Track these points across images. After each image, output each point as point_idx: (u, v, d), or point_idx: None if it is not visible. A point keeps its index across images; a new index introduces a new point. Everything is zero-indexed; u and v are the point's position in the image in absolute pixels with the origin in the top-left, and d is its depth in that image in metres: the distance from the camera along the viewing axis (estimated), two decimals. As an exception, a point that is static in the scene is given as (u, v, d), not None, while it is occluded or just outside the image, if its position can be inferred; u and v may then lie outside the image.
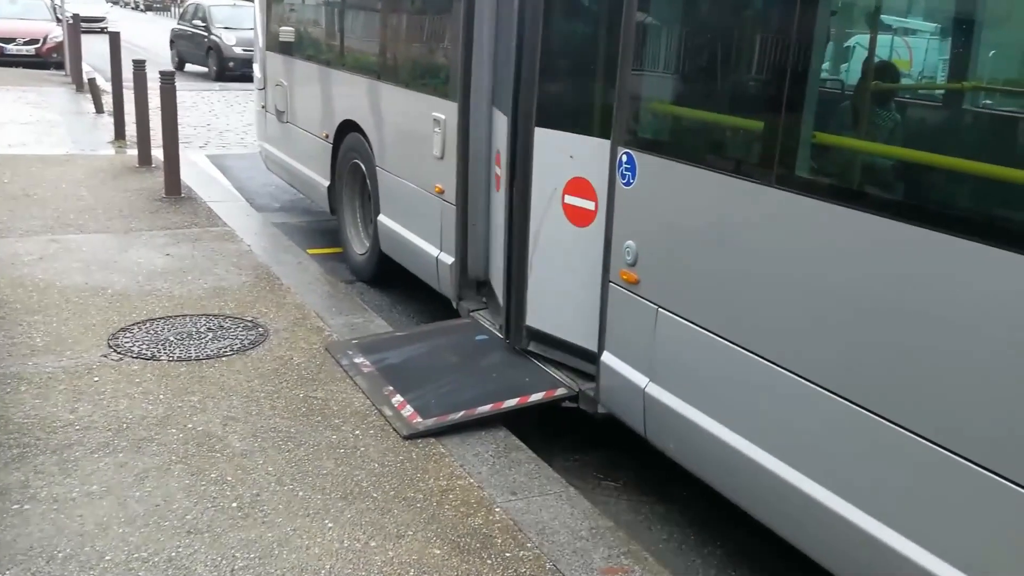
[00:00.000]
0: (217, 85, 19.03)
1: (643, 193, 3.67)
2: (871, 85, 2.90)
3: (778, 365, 3.06)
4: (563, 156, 4.20)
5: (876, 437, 2.72)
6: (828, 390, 2.87)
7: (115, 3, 34.19)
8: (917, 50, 2.92)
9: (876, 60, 2.91)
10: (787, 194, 2.96)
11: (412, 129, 5.63)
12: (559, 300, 4.39)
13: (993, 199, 2.57)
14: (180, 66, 21.95)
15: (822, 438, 2.92)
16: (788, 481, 3.02)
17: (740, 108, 3.33)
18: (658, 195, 3.60)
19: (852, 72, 2.99)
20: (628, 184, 3.74)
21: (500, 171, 4.84)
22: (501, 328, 4.83)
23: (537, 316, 4.52)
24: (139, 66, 9.25)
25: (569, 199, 4.22)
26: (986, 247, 2.36)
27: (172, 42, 22.88)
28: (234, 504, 3.45)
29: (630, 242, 3.74)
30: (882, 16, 2.91)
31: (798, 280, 2.98)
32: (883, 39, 2.89)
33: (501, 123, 4.79)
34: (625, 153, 3.73)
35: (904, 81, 3.04)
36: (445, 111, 5.15)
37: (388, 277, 6.52)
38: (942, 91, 2.95)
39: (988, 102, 2.74)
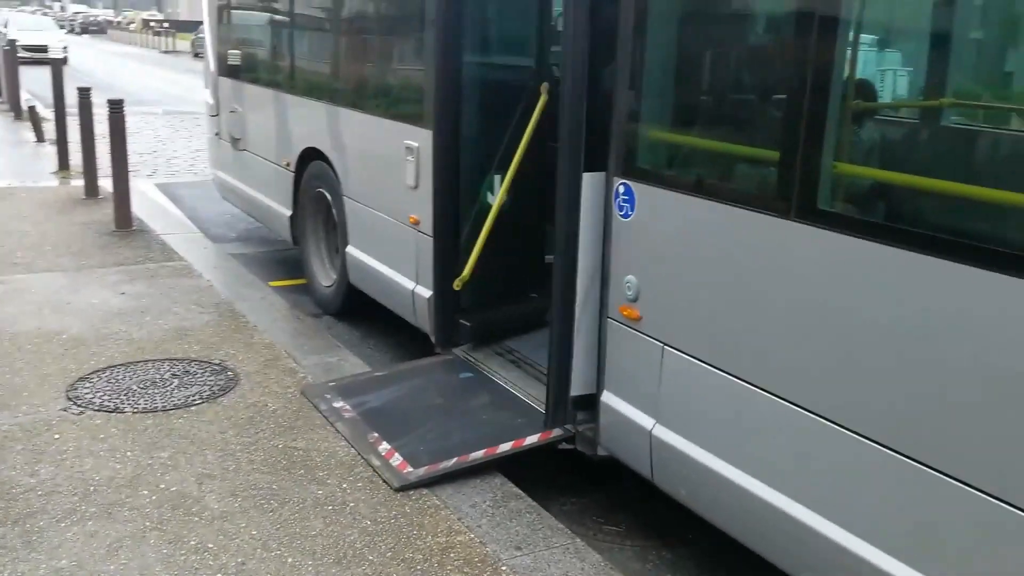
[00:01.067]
0: (162, 109, 18.54)
1: (644, 226, 3.49)
2: (897, 110, 2.76)
3: (798, 406, 2.90)
4: None
5: (905, 477, 2.57)
6: (852, 431, 2.72)
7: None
8: (946, 71, 2.78)
9: (901, 83, 2.77)
10: (806, 227, 2.80)
11: (383, 157, 5.40)
12: None
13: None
14: None
15: (850, 481, 2.76)
16: (814, 528, 2.86)
17: (753, 136, 3.17)
18: (661, 228, 3.43)
19: (878, 96, 2.85)
20: (626, 216, 3.56)
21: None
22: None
23: (585, 380, 3.95)
24: (84, 94, 8.87)
25: None
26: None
27: None
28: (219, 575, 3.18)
29: (631, 277, 3.56)
30: (905, 37, 2.78)
31: (818, 316, 2.82)
32: (907, 61, 2.76)
33: None
34: (622, 184, 3.55)
35: (931, 104, 2.91)
36: (419, 139, 4.94)
37: (357, 309, 6.26)
38: (977, 115, 2.81)
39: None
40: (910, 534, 2.59)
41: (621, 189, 3.56)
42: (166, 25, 49.91)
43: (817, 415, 2.84)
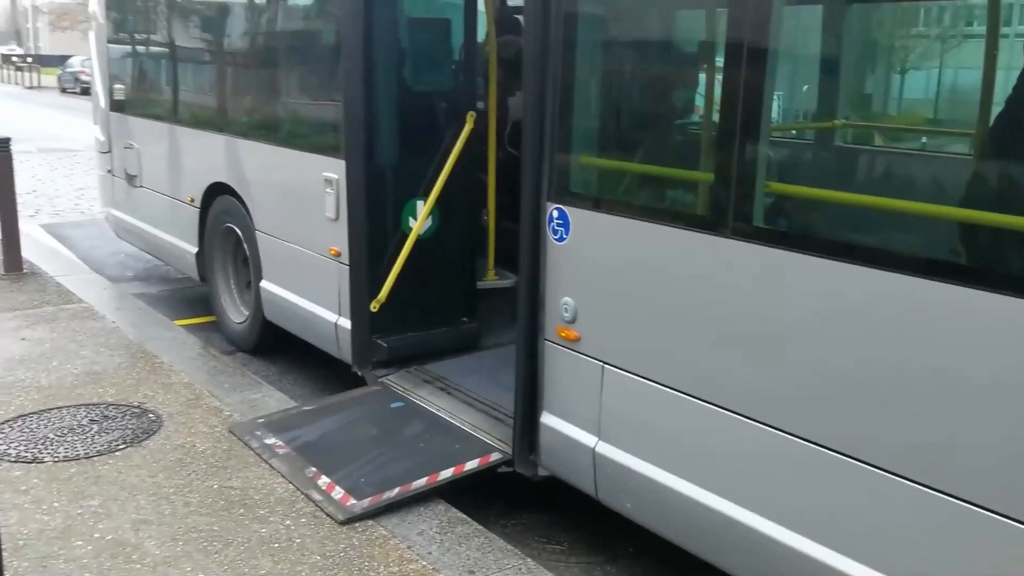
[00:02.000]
0: (35, 147, 17.80)
1: (579, 249, 3.59)
2: (822, 131, 2.95)
3: (740, 414, 3.04)
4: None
5: (849, 479, 2.73)
6: (793, 435, 2.87)
7: None
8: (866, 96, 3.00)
9: (825, 106, 2.97)
10: (741, 243, 2.96)
11: (300, 190, 5.36)
12: None
13: (953, 241, 2.66)
14: None
15: (792, 484, 2.91)
16: (762, 531, 2.99)
17: (686, 160, 3.32)
18: (597, 250, 3.53)
19: (804, 119, 3.04)
20: (561, 240, 3.65)
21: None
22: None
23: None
24: (-38, 133, 8.48)
25: None
26: (963, 288, 2.42)
27: None
28: (171, 622, 3.10)
29: (567, 299, 3.65)
30: (829, 63, 2.98)
31: (753, 326, 2.97)
32: (832, 86, 2.96)
33: None
34: (556, 208, 3.65)
35: (852, 125, 3.13)
36: (339, 171, 4.94)
37: (272, 345, 6.18)
38: (896, 136, 3.03)
39: (942, 145, 2.84)
40: (857, 533, 2.74)
41: (555, 214, 3.66)
42: (29, 60, 47.89)
43: (758, 422, 2.98)
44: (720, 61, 3.01)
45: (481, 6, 5.36)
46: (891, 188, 3.01)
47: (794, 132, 3.34)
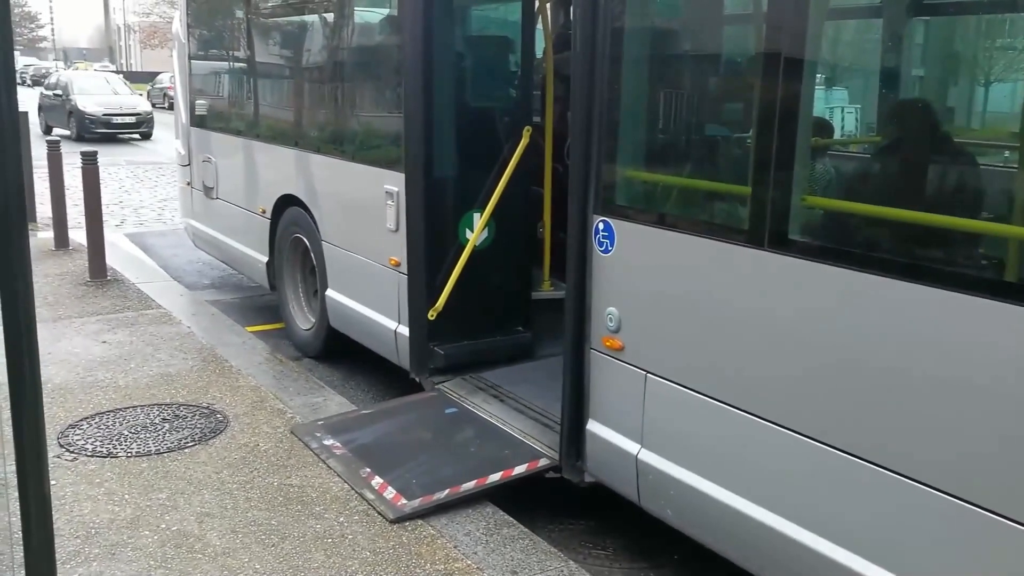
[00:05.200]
0: (123, 159, 18.57)
1: (624, 260, 3.69)
2: (856, 146, 3.00)
3: (779, 424, 3.09)
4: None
5: (889, 491, 2.76)
6: (831, 446, 2.91)
7: None
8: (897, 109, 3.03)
9: (863, 121, 3.02)
10: (778, 256, 3.02)
11: (362, 202, 5.57)
12: None
13: (983, 253, 2.69)
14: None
15: (832, 495, 2.95)
16: (800, 541, 3.03)
17: (726, 174, 3.39)
18: (641, 262, 3.62)
19: (841, 133, 3.09)
20: (606, 251, 3.75)
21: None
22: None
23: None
24: (54, 146, 8.97)
25: None
26: (990, 301, 2.45)
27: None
28: (227, 608, 3.27)
29: (612, 309, 3.75)
30: (868, 78, 3.03)
31: (791, 337, 3.02)
32: (871, 100, 3.01)
33: None
34: (602, 221, 3.75)
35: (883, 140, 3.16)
36: (399, 183, 5.12)
37: (337, 351, 6.39)
38: (932, 150, 3.05)
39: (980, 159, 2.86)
40: (895, 544, 2.76)
41: (601, 226, 3.76)
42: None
43: (795, 432, 3.03)
44: (761, 75, 3.09)
45: (539, 24, 5.50)
46: (931, 203, 3.02)
47: (839, 147, 3.38)
